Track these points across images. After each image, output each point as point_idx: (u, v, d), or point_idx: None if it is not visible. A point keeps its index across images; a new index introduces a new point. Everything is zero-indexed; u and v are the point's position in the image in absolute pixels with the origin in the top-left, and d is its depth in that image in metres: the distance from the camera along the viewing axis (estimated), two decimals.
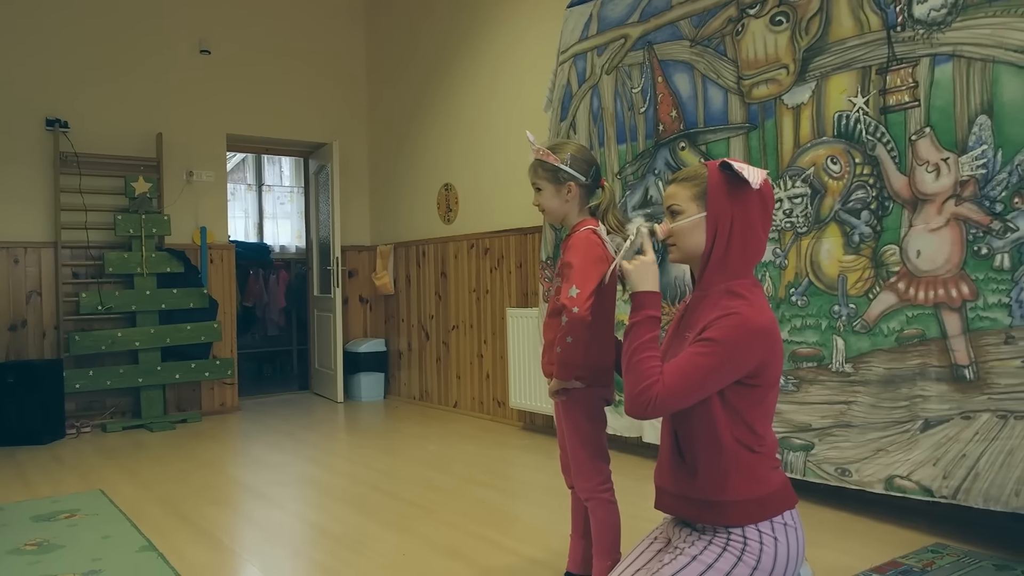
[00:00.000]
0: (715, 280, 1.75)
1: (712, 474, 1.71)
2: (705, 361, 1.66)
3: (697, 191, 1.77)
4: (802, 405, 3.09)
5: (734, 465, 1.69)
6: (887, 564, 2.48)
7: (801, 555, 1.74)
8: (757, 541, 1.67)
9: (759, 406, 1.72)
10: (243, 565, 2.74)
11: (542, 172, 2.20)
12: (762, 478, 1.71)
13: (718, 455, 1.70)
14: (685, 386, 1.66)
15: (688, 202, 1.79)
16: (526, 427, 4.99)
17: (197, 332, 5.52)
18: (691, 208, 1.78)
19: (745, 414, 1.70)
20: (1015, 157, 2.49)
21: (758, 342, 1.67)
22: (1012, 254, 2.51)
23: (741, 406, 1.70)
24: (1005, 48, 2.51)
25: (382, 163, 6.73)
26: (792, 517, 1.73)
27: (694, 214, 1.78)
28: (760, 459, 1.72)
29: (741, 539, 1.68)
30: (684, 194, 1.80)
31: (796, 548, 1.71)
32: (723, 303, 1.71)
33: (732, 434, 1.70)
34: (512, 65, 5.14)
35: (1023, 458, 2.43)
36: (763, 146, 3.27)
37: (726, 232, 1.74)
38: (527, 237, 4.96)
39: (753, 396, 1.70)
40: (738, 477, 1.69)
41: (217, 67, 6.01)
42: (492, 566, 2.58)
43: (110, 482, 3.81)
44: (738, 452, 1.70)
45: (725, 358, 1.65)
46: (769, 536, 1.68)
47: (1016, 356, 2.49)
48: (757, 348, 1.67)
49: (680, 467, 1.77)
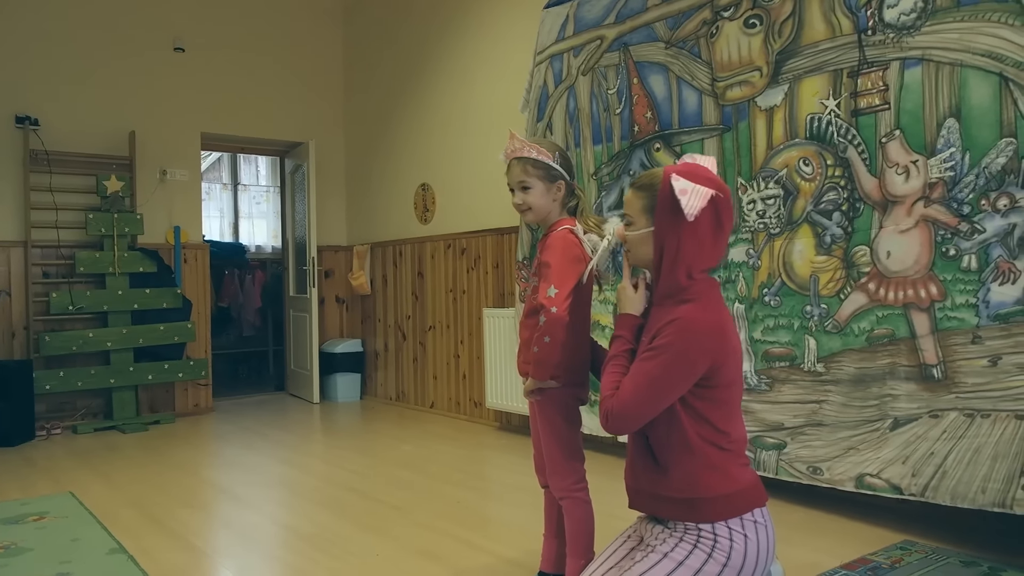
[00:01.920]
0: (665, 288, 1.77)
1: (682, 473, 1.73)
2: (652, 369, 1.68)
3: (647, 204, 1.77)
4: (775, 404, 3.12)
5: (703, 464, 1.71)
6: (857, 561, 2.51)
7: (771, 552, 1.76)
8: (727, 538, 1.69)
9: (721, 406, 1.74)
10: (215, 568, 2.71)
11: (533, 170, 2.16)
12: (732, 475, 1.73)
13: (687, 455, 1.72)
14: (639, 397, 1.69)
15: (639, 214, 1.80)
16: (502, 427, 4.99)
17: (170, 332, 5.46)
18: (641, 221, 1.79)
19: (708, 414, 1.72)
20: (982, 160, 2.53)
21: (706, 344, 1.68)
22: (979, 255, 2.55)
23: (702, 407, 1.72)
24: (972, 52, 2.55)
25: (359, 163, 6.70)
26: (762, 515, 1.74)
27: (643, 227, 1.79)
28: (729, 456, 1.74)
29: (711, 536, 1.70)
30: (636, 205, 1.80)
31: (766, 545, 1.73)
32: (670, 309, 1.73)
33: (698, 434, 1.72)
34: (489, 65, 5.14)
35: (989, 456, 2.47)
36: (737, 148, 3.30)
37: (673, 248, 1.74)
38: (504, 237, 4.97)
39: (712, 396, 1.72)
40: (708, 475, 1.71)
41: (191, 65, 5.96)
42: (466, 566, 2.58)
43: (80, 484, 3.76)
44: (706, 451, 1.71)
45: (673, 365, 1.67)
46: (739, 533, 1.70)
47: (983, 355, 2.53)
48: (706, 350, 1.68)
49: (651, 468, 1.79)
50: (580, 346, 2.19)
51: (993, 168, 2.51)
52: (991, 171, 2.51)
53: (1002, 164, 2.49)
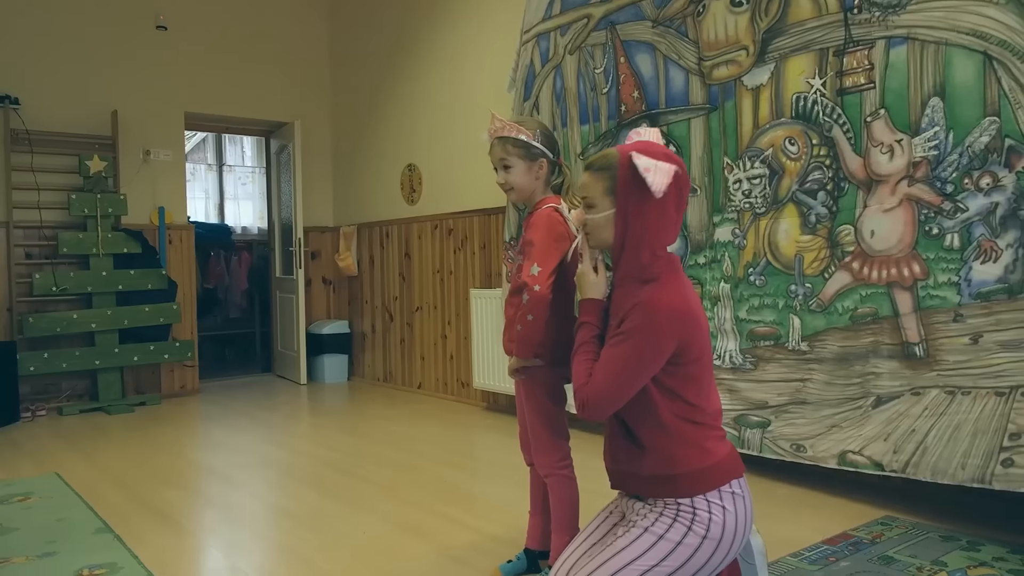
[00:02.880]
0: (628, 269, 1.76)
1: (659, 451, 1.74)
2: (622, 354, 1.69)
3: (608, 185, 1.75)
4: (759, 383, 3.14)
5: (679, 440, 1.73)
6: (838, 536, 2.54)
7: (749, 522, 1.78)
8: (706, 511, 1.71)
9: (693, 381, 1.74)
10: (202, 546, 2.72)
11: (513, 149, 2.15)
12: (708, 449, 1.74)
13: (662, 434, 1.73)
14: (611, 383, 1.70)
15: (600, 197, 1.76)
16: (489, 407, 5.01)
17: (156, 314, 5.44)
18: (603, 203, 1.76)
19: (680, 391, 1.73)
20: (965, 139, 2.55)
21: (672, 324, 1.68)
22: (961, 234, 2.57)
23: (674, 384, 1.72)
24: (957, 31, 2.55)
25: (345, 143, 6.66)
26: (740, 485, 1.76)
27: (606, 209, 1.76)
28: (704, 430, 1.75)
29: (691, 509, 1.71)
30: (597, 188, 1.77)
31: (744, 516, 1.75)
32: (633, 292, 1.72)
33: (672, 412, 1.73)
34: (476, 45, 5.11)
35: (969, 432, 2.50)
36: (723, 127, 3.30)
37: (637, 227, 1.73)
38: (491, 218, 4.96)
39: (683, 374, 1.72)
40: (684, 450, 1.72)
41: (174, 44, 5.88)
42: (453, 543, 2.60)
43: (66, 465, 3.75)
44: (681, 427, 1.73)
45: (641, 347, 1.67)
46: (718, 505, 1.72)
47: (964, 333, 2.56)
48: (672, 330, 1.68)
49: (628, 447, 1.80)
50: (565, 324, 2.18)
51: (976, 147, 2.52)
52: (974, 150, 2.53)
53: (985, 143, 2.50)
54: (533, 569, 2.30)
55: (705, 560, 1.72)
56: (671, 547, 1.70)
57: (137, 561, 2.48)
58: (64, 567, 2.44)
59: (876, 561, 2.32)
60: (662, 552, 1.70)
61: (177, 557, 2.57)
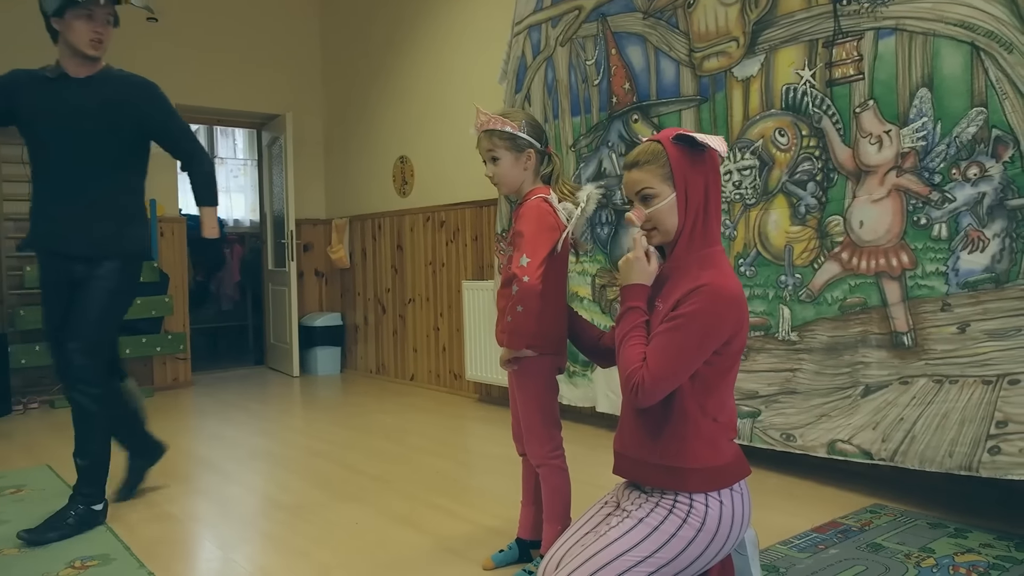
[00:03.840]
0: (687, 251, 1.76)
1: (673, 441, 1.73)
2: (682, 338, 1.67)
3: (665, 171, 1.76)
4: (750, 373, 3.16)
5: (695, 433, 1.72)
6: (828, 524, 2.56)
7: (747, 519, 1.78)
8: (702, 503, 1.71)
9: (726, 375, 1.74)
10: (194, 537, 2.73)
11: (499, 141, 2.17)
12: (720, 449, 1.74)
13: (681, 424, 1.72)
14: (668, 367, 1.67)
15: (660, 184, 1.76)
16: (482, 399, 5.02)
17: (147, 306, 5.42)
18: (663, 190, 1.76)
19: (711, 382, 1.72)
20: (953, 129, 2.56)
21: (732, 311, 1.69)
22: (949, 224, 2.59)
23: (708, 375, 1.71)
24: (945, 22, 2.56)
25: (337, 135, 6.65)
26: (740, 484, 1.77)
27: (667, 196, 1.76)
28: (720, 430, 1.75)
29: (687, 502, 1.71)
30: (653, 177, 1.77)
31: (742, 511, 1.76)
32: (695, 274, 1.72)
33: (698, 404, 1.72)
34: (468, 37, 5.10)
35: (956, 421, 2.52)
36: (714, 118, 3.31)
37: (695, 205, 1.75)
38: (483, 210, 4.96)
39: (721, 365, 1.72)
40: (698, 445, 1.72)
41: (165, 35, 5.85)
42: (446, 534, 2.61)
43: (58, 457, 3.74)
44: (700, 422, 1.72)
45: (703, 332, 1.67)
46: (715, 499, 1.72)
47: (952, 323, 2.58)
48: (731, 317, 1.69)
49: (642, 433, 1.79)
50: (558, 315, 2.20)
51: (964, 137, 2.54)
52: (962, 140, 2.54)
53: (972, 133, 2.52)
54: (525, 559, 2.31)
55: (698, 554, 1.71)
56: (665, 539, 1.70)
57: (129, 552, 2.49)
58: (56, 558, 2.44)
59: (865, 548, 2.34)
60: (655, 544, 1.70)
61: (169, 548, 2.57)
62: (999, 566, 2.19)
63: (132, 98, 2.85)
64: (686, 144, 1.75)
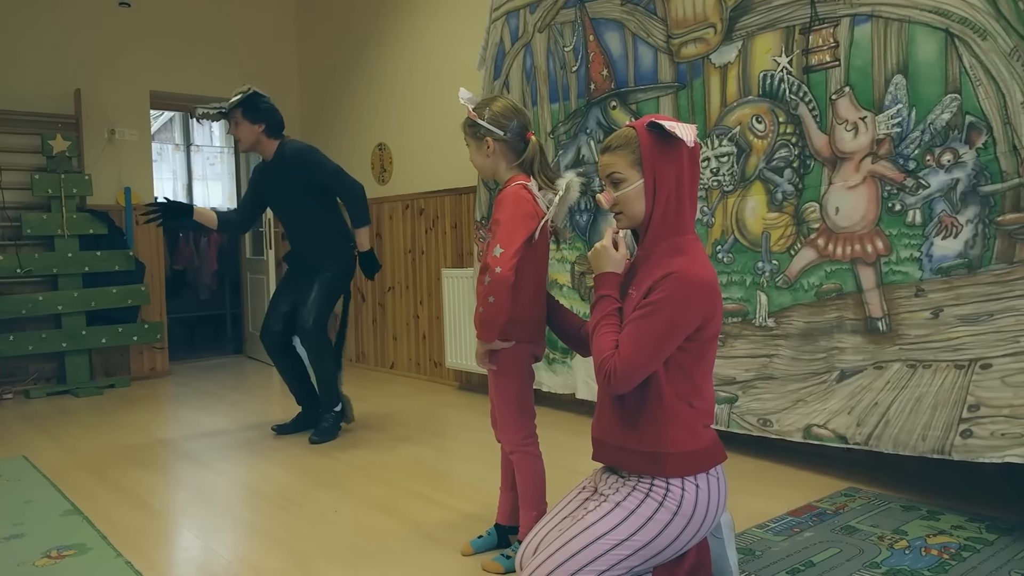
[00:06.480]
0: (658, 239, 1.78)
1: (650, 426, 1.75)
2: (654, 324, 1.69)
3: (634, 157, 1.78)
4: (727, 359, 3.18)
5: (671, 418, 1.74)
6: (803, 508, 2.59)
7: (723, 504, 1.80)
8: (679, 487, 1.73)
9: (701, 361, 1.76)
10: (173, 527, 2.71)
11: (466, 128, 2.24)
12: (697, 433, 1.76)
13: (657, 409, 1.74)
14: (640, 354, 1.69)
15: (627, 169, 1.80)
16: (462, 387, 5.02)
17: (123, 295, 5.37)
18: (632, 175, 1.79)
19: (687, 369, 1.74)
20: (927, 116, 2.58)
21: (702, 297, 1.71)
22: (923, 210, 2.61)
23: (684, 361, 1.73)
24: (920, 9, 2.58)
25: (315, 122, 6.59)
26: (717, 468, 1.79)
27: (635, 181, 1.79)
28: (696, 415, 1.77)
29: (663, 485, 1.73)
30: (621, 162, 1.80)
31: (717, 495, 1.78)
32: (665, 261, 1.74)
33: (674, 389, 1.74)
34: (447, 23, 5.07)
35: (929, 405, 2.56)
36: (691, 105, 3.31)
37: (665, 192, 1.76)
38: (462, 197, 4.94)
39: (696, 351, 1.74)
40: (675, 430, 1.74)
41: (138, 21, 5.76)
42: (425, 520, 2.62)
43: (34, 448, 3.71)
44: (677, 407, 1.74)
45: (673, 318, 1.68)
46: (691, 483, 1.74)
47: (925, 308, 2.61)
48: (702, 303, 1.71)
49: (619, 419, 1.81)
50: (536, 302, 2.20)
51: (938, 124, 2.56)
52: (936, 127, 2.56)
53: (946, 120, 2.54)
54: (503, 544, 2.32)
55: (674, 537, 1.74)
56: (641, 522, 1.72)
57: (106, 542, 2.47)
58: (32, 548, 2.42)
59: (839, 531, 2.37)
60: (632, 527, 1.72)
61: (148, 538, 2.56)
62: (970, 547, 2.22)
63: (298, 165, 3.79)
64: (658, 132, 1.76)
